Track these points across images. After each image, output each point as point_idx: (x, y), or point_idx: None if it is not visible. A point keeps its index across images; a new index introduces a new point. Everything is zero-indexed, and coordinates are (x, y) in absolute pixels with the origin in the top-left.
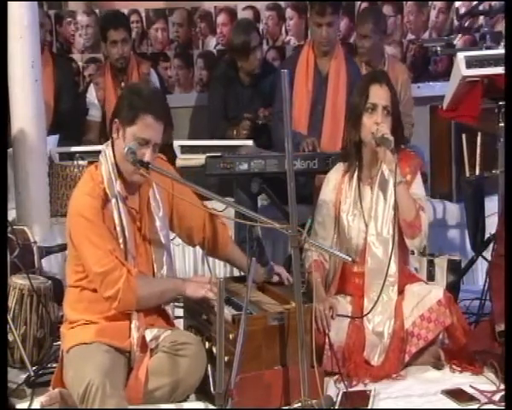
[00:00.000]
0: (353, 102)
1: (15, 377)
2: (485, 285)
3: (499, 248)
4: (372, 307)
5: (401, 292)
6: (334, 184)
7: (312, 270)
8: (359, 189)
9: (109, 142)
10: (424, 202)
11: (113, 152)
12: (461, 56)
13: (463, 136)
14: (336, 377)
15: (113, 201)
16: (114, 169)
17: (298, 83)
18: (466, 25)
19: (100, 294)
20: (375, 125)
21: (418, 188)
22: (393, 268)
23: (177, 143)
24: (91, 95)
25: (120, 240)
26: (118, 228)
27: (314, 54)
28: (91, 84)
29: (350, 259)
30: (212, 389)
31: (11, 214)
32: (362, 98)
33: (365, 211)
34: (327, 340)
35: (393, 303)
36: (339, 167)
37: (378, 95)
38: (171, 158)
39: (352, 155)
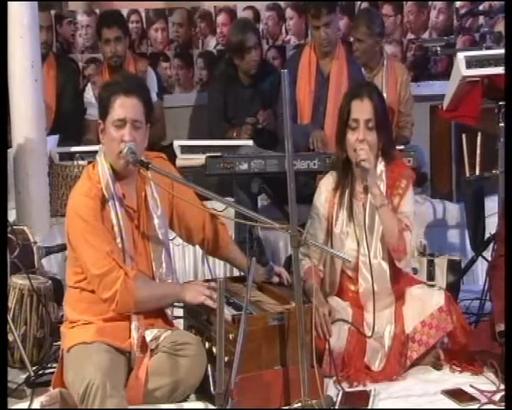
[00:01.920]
0: (338, 120)
1: (15, 377)
2: (485, 285)
3: (499, 249)
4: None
5: (401, 296)
6: (326, 197)
7: (307, 277)
8: (351, 205)
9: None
10: (412, 218)
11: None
12: (461, 56)
13: (463, 136)
14: (335, 378)
15: (111, 201)
16: (110, 170)
17: (300, 84)
18: (466, 25)
19: (98, 295)
20: (358, 142)
21: (408, 203)
22: (388, 284)
23: (177, 143)
24: (89, 94)
25: (118, 240)
26: (115, 228)
27: (316, 55)
28: (89, 84)
29: (350, 259)
30: (212, 389)
31: (11, 214)
32: (344, 115)
33: (357, 228)
34: (327, 346)
35: (392, 308)
36: (330, 177)
37: (359, 110)
38: (171, 158)
39: (342, 172)
